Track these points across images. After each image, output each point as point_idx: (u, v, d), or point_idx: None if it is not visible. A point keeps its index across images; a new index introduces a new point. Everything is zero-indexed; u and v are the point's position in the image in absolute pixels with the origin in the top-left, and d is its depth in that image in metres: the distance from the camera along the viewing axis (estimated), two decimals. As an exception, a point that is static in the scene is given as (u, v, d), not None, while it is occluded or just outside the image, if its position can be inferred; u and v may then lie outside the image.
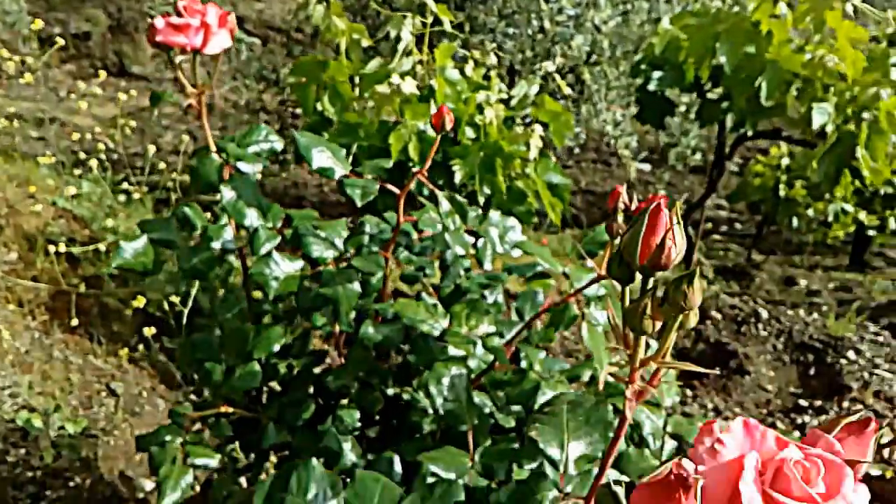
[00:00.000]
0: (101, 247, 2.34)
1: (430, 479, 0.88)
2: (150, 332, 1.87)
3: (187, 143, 3.13)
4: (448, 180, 1.94)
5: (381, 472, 0.89)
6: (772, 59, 2.10)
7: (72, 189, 2.49)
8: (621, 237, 0.45)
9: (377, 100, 1.86)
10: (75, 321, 2.15)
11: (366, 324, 1.13)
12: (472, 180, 1.92)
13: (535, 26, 2.65)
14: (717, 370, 2.52)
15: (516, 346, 1.29)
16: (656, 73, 2.38)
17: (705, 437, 0.44)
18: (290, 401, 1.20)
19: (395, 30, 1.91)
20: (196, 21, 0.95)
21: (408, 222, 1.27)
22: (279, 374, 1.26)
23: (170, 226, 1.18)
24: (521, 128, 2.02)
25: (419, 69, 2.03)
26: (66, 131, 3.31)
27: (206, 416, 1.20)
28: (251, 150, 1.20)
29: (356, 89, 2.04)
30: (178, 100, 1.12)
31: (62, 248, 2.22)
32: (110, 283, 2.38)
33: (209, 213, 1.23)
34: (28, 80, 2.59)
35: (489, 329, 1.10)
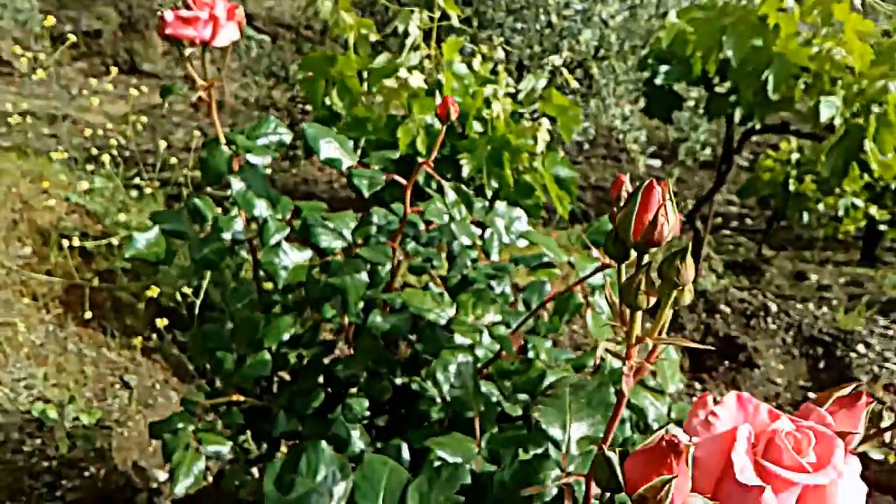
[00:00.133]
0: (113, 241, 2.36)
1: (437, 464, 0.90)
2: (162, 323, 1.89)
3: (198, 139, 3.16)
4: (456, 174, 1.95)
5: (390, 458, 0.90)
6: (779, 53, 2.10)
7: (84, 184, 2.52)
8: (617, 216, 0.47)
9: (385, 94, 1.87)
10: (89, 314, 2.18)
11: (374, 313, 1.14)
12: (480, 174, 1.94)
13: (543, 21, 2.66)
14: (726, 362, 2.52)
15: (524, 338, 1.31)
16: (663, 67, 2.38)
17: (699, 409, 0.45)
18: (299, 390, 1.22)
19: (402, 24, 1.93)
20: (205, 14, 0.97)
21: (415, 214, 1.29)
22: (289, 363, 1.28)
23: (181, 217, 1.20)
24: (529, 122, 2.03)
25: (427, 64, 2.04)
26: (78, 128, 3.33)
27: (217, 405, 1.22)
28: (260, 143, 1.21)
29: (364, 84, 2.05)
30: (187, 93, 1.13)
31: (75, 242, 2.25)
32: (123, 278, 2.40)
33: (220, 209, 1.25)
34: (40, 76, 2.62)
35: (495, 318, 1.11)
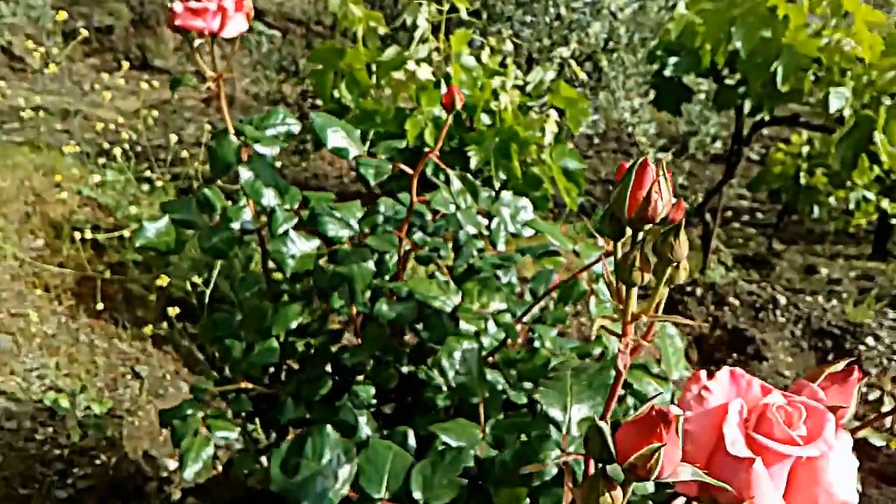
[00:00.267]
0: (125, 234, 2.39)
1: (442, 449, 0.91)
2: (173, 311, 1.91)
3: (209, 133, 3.18)
4: (464, 166, 1.95)
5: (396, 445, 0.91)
6: (788, 44, 2.09)
7: (96, 178, 2.54)
8: (612, 194, 0.47)
9: (393, 86, 1.88)
10: (100, 306, 2.21)
11: (380, 301, 1.16)
12: (488, 166, 1.94)
13: (552, 14, 2.66)
14: (734, 355, 2.52)
15: (530, 328, 1.32)
16: (672, 59, 2.38)
17: (692, 384, 0.46)
18: (307, 377, 1.23)
19: (411, 17, 1.93)
20: (213, 5, 0.98)
21: (423, 205, 1.30)
22: (297, 352, 1.29)
23: (191, 207, 1.21)
24: (538, 114, 2.03)
25: (435, 56, 2.05)
26: (90, 123, 3.36)
27: (226, 392, 1.24)
28: (269, 133, 1.23)
29: (373, 77, 2.06)
30: (197, 85, 1.14)
31: (87, 235, 2.27)
32: (134, 270, 2.43)
33: (230, 202, 1.27)
34: (52, 70, 2.64)
35: (501, 306, 1.12)
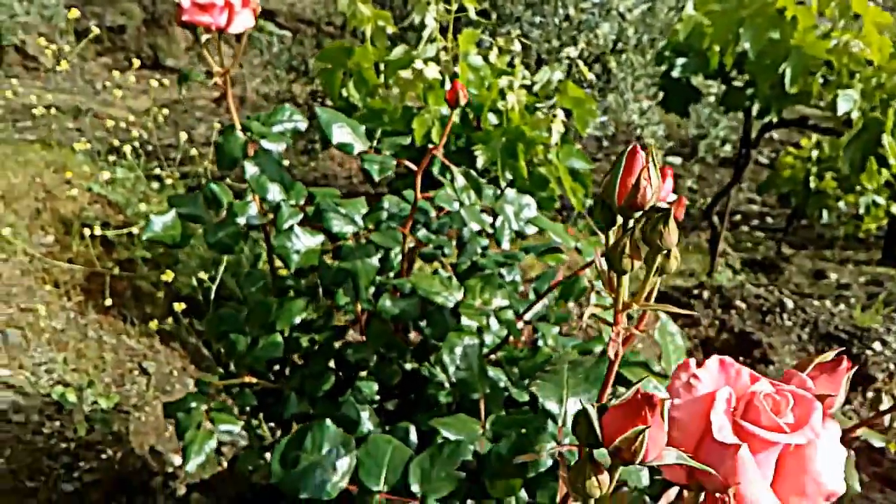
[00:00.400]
0: (134, 231, 2.40)
1: (441, 442, 0.91)
2: (179, 307, 1.93)
3: (219, 132, 3.19)
4: (471, 166, 1.96)
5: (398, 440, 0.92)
6: (797, 45, 2.09)
7: (106, 175, 2.56)
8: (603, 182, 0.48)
9: (401, 85, 1.89)
10: (109, 302, 2.22)
11: (383, 297, 1.16)
12: (495, 165, 1.95)
13: (561, 14, 2.66)
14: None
15: (534, 328, 1.32)
16: (680, 60, 2.37)
17: (681, 372, 0.46)
18: (311, 372, 1.24)
19: (419, 16, 1.94)
20: (220, 1, 0.99)
21: (428, 204, 1.30)
22: (301, 347, 1.30)
23: (197, 202, 1.22)
24: (545, 114, 2.03)
25: (443, 56, 2.05)
26: (101, 122, 3.38)
27: (230, 387, 1.24)
28: (276, 129, 1.24)
29: (381, 76, 2.07)
30: (204, 79, 1.15)
31: (97, 231, 2.29)
32: (143, 267, 2.44)
33: (238, 199, 1.28)
34: (63, 67, 2.66)
35: (503, 303, 1.13)
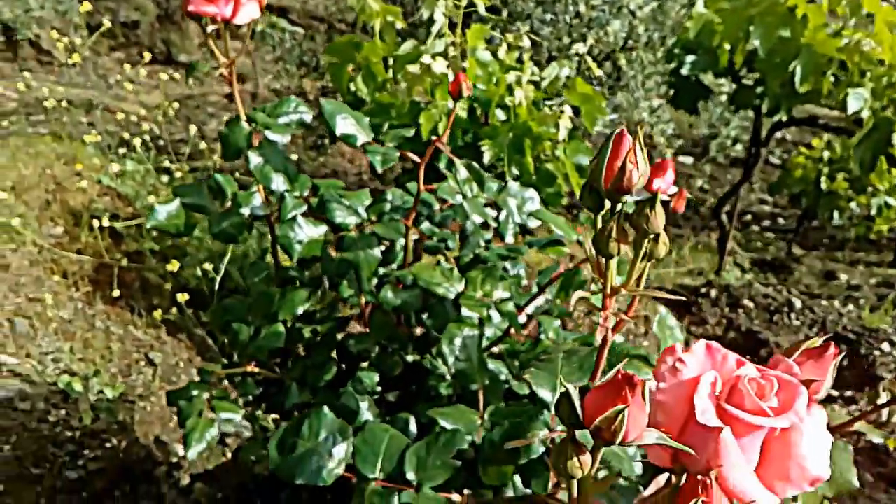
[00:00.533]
0: (143, 223, 2.42)
1: (438, 431, 0.91)
2: (183, 297, 1.94)
3: (228, 126, 3.20)
4: (477, 161, 1.96)
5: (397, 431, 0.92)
6: (807, 44, 2.07)
7: (115, 167, 2.58)
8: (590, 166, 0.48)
9: (408, 80, 1.89)
10: (117, 293, 2.24)
11: (385, 288, 1.17)
12: (501, 161, 1.95)
13: (572, 12, 2.66)
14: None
15: (538, 322, 1.32)
16: (689, 57, 2.36)
17: (667, 356, 0.46)
18: (313, 363, 1.25)
19: (428, 11, 1.94)
20: (225, -10, 1.00)
21: (431, 196, 1.31)
22: (304, 338, 1.30)
23: (202, 191, 1.23)
24: (552, 110, 2.03)
25: (452, 51, 2.05)
26: (113, 116, 3.40)
27: (233, 376, 1.25)
28: (281, 121, 1.24)
29: (390, 71, 2.07)
30: (211, 70, 1.16)
31: (106, 223, 2.30)
32: (151, 259, 2.46)
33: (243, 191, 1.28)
34: (75, 59, 2.68)
35: (504, 295, 1.13)
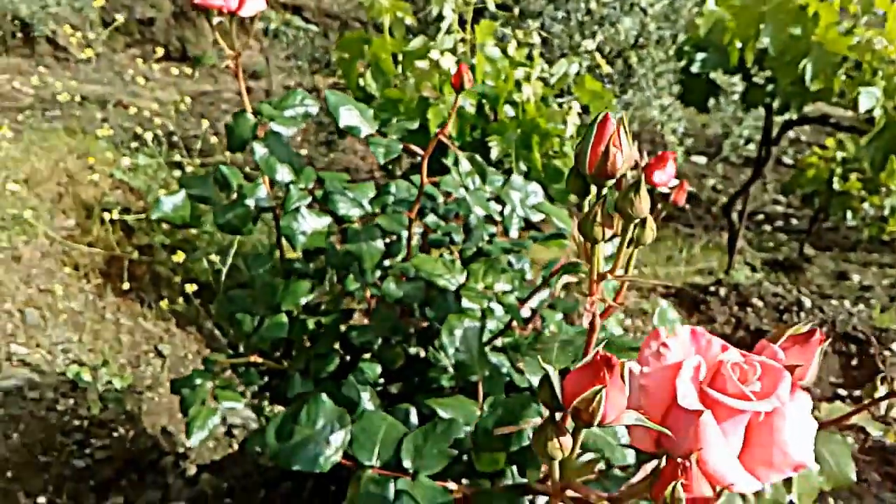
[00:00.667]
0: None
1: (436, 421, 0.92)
2: (191, 288, 1.95)
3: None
4: (485, 157, 1.96)
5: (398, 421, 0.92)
6: (818, 42, 2.06)
7: (127, 161, 2.60)
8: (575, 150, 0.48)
9: (417, 76, 1.89)
10: (127, 286, 2.26)
11: (388, 280, 1.17)
12: (509, 157, 1.95)
13: (583, 9, 2.65)
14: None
15: (542, 316, 1.33)
16: (700, 55, 2.35)
17: (652, 341, 0.46)
18: (315, 354, 1.25)
19: (437, 7, 1.95)
20: (231, -18, 1.01)
21: (435, 189, 1.31)
22: (308, 329, 1.31)
23: (208, 183, 1.24)
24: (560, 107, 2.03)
25: (461, 47, 2.06)
26: (128, 112, 3.43)
27: (237, 366, 1.26)
28: (287, 114, 1.25)
29: (399, 66, 2.08)
30: (217, 61, 1.17)
31: (117, 216, 2.32)
32: (162, 252, 2.48)
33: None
34: (88, 53, 2.70)
35: (505, 287, 1.13)
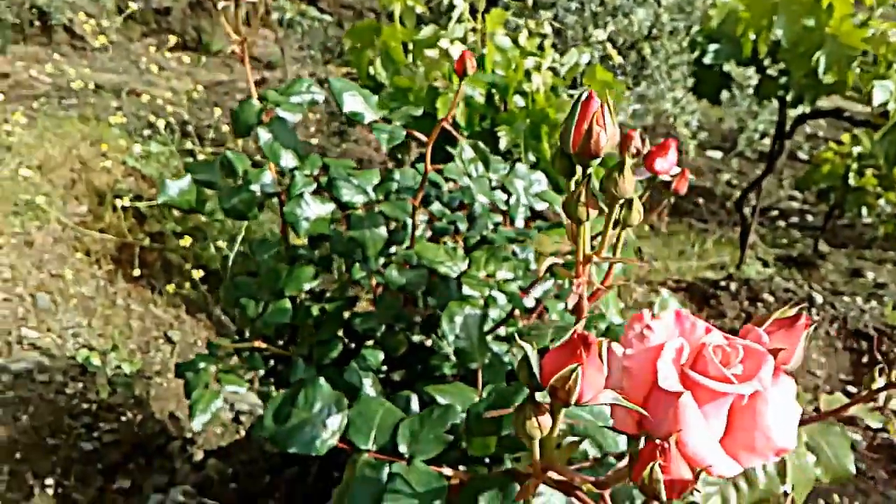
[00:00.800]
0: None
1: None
2: (198, 274, 1.97)
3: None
4: (494, 147, 1.96)
5: (399, 408, 0.93)
6: (832, 34, 2.04)
7: (137, 147, 2.62)
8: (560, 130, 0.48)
9: (426, 64, 1.89)
10: (138, 272, 2.27)
11: (390, 268, 1.18)
12: (518, 147, 1.94)
13: (597, 0, 2.64)
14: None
15: (545, 306, 1.33)
16: (712, 46, 2.33)
17: (635, 323, 0.46)
18: (319, 340, 1.26)
19: (447, -4, 1.94)
20: (235, -33, 1.01)
21: (440, 177, 1.31)
22: (312, 315, 1.32)
23: (213, 168, 1.25)
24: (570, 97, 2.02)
25: (472, 37, 2.05)
26: (143, 101, 3.45)
27: (241, 350, 1.27)
28: (293, 100, 1.25)
29: (409, 55, 2.07)
30: (223, 47, 1.18)
31: (128, 203, 2.34)
32: (173, 239, 2.49)
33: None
34: (102, 41, 2.71)
35: (507, 275, 1.13)
